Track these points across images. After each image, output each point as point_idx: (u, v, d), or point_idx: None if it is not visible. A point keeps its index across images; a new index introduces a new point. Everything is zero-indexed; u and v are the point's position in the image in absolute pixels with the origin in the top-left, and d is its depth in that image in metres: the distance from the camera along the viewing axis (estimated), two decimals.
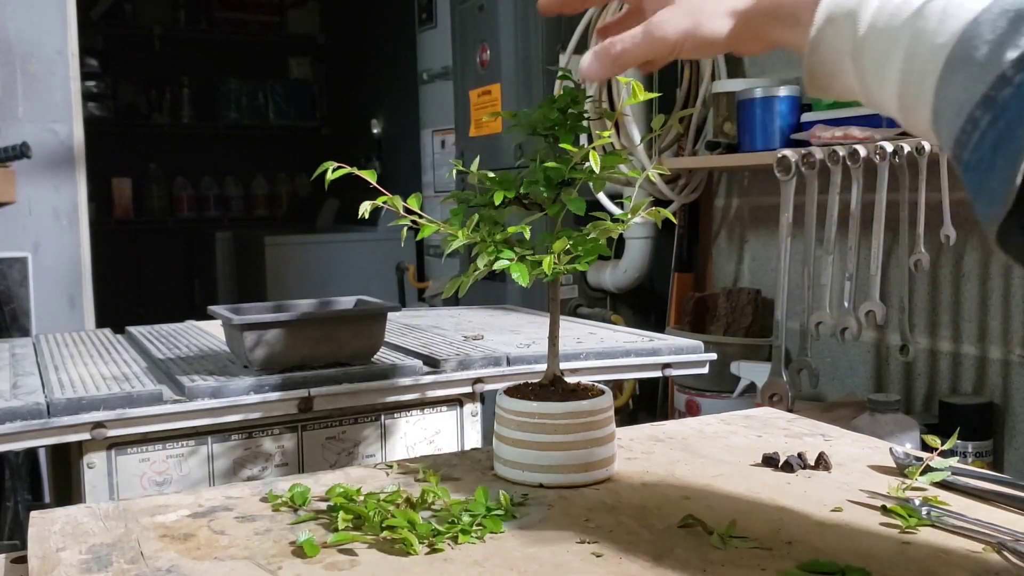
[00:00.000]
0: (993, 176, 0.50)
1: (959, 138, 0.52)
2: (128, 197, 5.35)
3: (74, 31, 2.22)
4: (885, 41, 0.58)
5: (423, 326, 1.50)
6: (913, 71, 0.56)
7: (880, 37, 0.58)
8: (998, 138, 0.50)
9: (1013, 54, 0.50)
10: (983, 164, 0.51)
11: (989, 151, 0.50)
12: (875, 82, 0.59)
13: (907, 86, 0.57)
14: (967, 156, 0.52)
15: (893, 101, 0.58)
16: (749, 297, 2.34)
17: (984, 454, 1.80)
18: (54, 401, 0.99)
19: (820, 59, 0.62)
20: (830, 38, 0.61)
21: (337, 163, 0.77)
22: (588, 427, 0.79)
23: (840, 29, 0.60)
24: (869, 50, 0.59)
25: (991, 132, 0.50)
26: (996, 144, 0.50)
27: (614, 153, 0.81)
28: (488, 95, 2.81)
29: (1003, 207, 0.49)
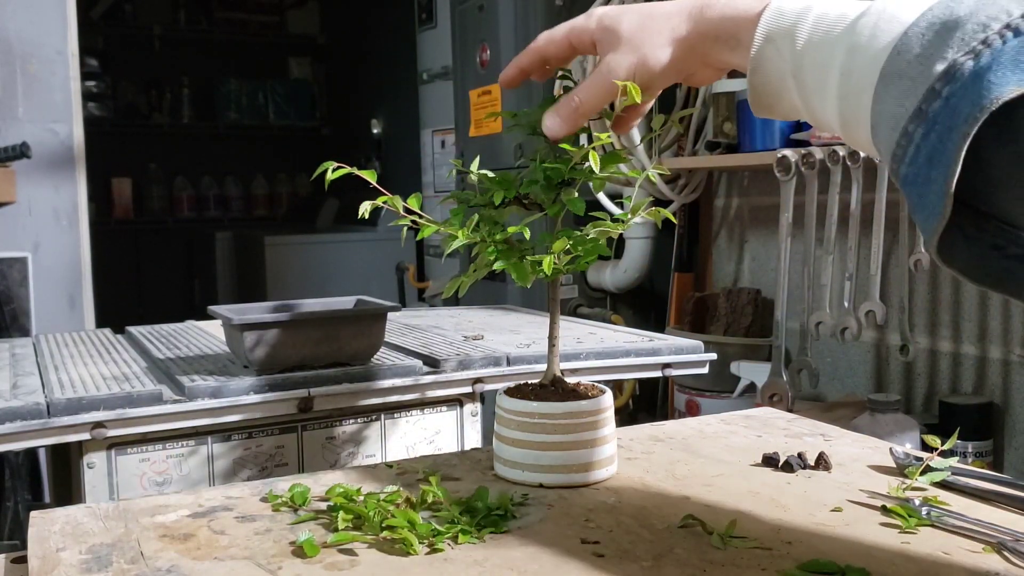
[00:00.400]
0: (929, 188, 0.50)
1: (895, 152, 0.52)
2: (128, 197, 5.35)
3: (74, 31, 2.22)
4: (822, 57, 0.58)
5: (423, 326, 1.50)
6: (850, 86, 0.56)
7: (817, 53, 0.58)
8: (931, 151, 0.50)
9: (940, 66, 0.50)
10: (920, 177, 0.51)
11: (924, 164, 0.50)
12: (816, 99, 0.59)
13: (846, 101, 0.57)
14: (904, 170, 0.52)
15: (835, 118, 0.58)
16: (749, 297, 2.34)
17: (984, 454, 1.80)
18: (54, 401, 0.99)
19: (762, 79, 0.62)
20: (771, 57, 0.61)
21: (337, 163, 0.77)
22: (588, 427, 0.79)
23: (779, 48, 0.60)
24: (808, 67, 0.59)
25: (924, 145, 0.50)
26: (930, 157, 0.50)
27: (614, 153, 0.81)
28: (488, 95, 2.81)
29: (941, 219, 0.49)
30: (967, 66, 0.48)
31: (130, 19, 5.37)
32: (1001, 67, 0.47)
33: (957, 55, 0.49)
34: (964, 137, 0.47)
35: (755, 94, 0.64)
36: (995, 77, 0.47)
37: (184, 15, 5.52)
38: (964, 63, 0.49)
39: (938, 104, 0.50)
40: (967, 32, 0.49)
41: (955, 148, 0.48)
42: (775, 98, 0.63)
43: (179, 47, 5.51)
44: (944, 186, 0.49)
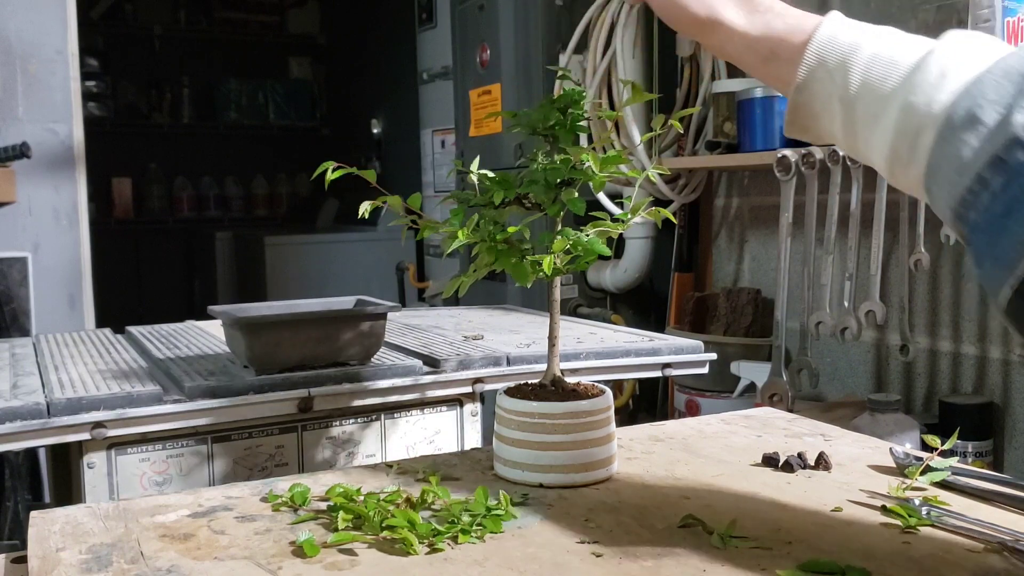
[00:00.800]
0: (1004, 238, 0.49)
1: (965, 197, 0.51)
2: (128, 197, 5.34)
3: (74, 31, 2.22)
4: (880, 93, 0.58)
5: (423, 326, 1.50)
6: (909, 126, 0.56)
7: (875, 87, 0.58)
8: (1012, 201, 0.49)
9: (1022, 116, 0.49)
10: (993, 226, 0.50)
11: (1001, 215, 0.50)
12: (864, 130, 0.59)
13: (902, 140, 0.56)
14: (974, 216, 0.51)
15: (881, 151, 0.58)
16: (749, 297, 2.34)
17: (984, 454, 1.80)
18: (54, 401, 0.99)
19: (807, 99, 0.62)
20: (821, 79, 0.61)
21: (337, 163, 0.77)
22: (588, 427, 0.79)
23: (832, 72, 0.60)
24: (863, 98, 0.59)
25: (1004, 195, 0.49)
26: (1010, 207, 0.49)
27: (614, 153, 0.81)
28: (488, 95, 2.81)
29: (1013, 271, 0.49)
30: None
31: (130, 19, 5.37)
32: None
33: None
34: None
35: (795, 114, 0.64)
36: None
37: (184, 15, 5.52)
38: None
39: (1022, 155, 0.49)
40: None
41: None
42: (814, 119, 0.63)
43: (179, 47, 5.51)
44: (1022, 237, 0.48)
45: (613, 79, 2.31)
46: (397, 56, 4.46)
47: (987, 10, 1.58)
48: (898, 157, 0.57)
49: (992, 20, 1.58)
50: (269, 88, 5.67)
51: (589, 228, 0.80)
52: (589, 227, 0.80)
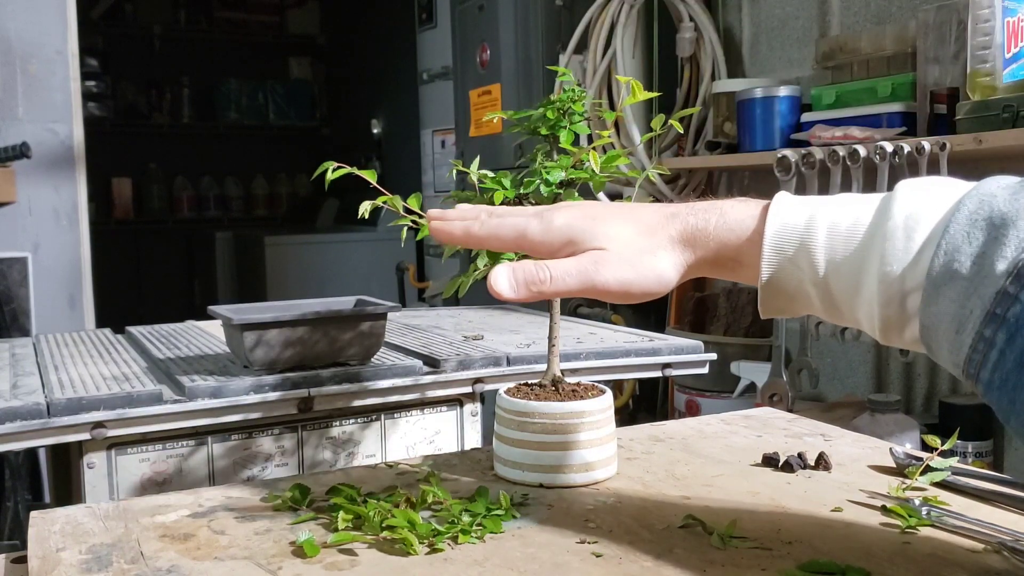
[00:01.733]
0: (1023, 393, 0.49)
1: (971, 357, 0.51)
2: (128, 197, 5.35)
3: (74, 31, 2.22)
4: (852, 268, 0.57)
5: (423, 326, 1.50)
6: (892, 296, 0.55)
7: (844, 264, 0.57)
8: (1021, 355, 0.49)
9: (1002, 266, 0.49)
10: (1010, 383, 0.50)
11: (1015, 369, 0.49)
12: (847, 306, 0.58)
13: (888, 309, 0.56)
14: (987, 376, 0.51)
15: (873, 323, 0.57)
16: (749, 297, 2.33)
17: (984, 454, 1.80)
18: (54, 401, 0.99)
19: (775, 290, 0.61)
20: (788, 270, 0.60)
21: (337, 163, 0.77)
22: (588, 427, 0.79)
23: (796, 261, 0.59)
24: (836, 277, 0.58)
25: (1011, 350, 0.49)
26: (1021, 361, 0.49)
27: (614, 153, 0.81)
28: (488, 95, 2.81)
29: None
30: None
31: (130, 19, 5.37)
32: None
33: (1019, 254, 0.49)
34: None
35: (767, 306, 0.63)
36: None
37: (184, 15, 5.52)
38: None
39: (1018, 308, 0.49)
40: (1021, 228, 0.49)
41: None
42: (789, 304, 0.62)
43: (179, 47, 5.51)
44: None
45: (613, 79, 2.31)
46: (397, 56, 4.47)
47: (987, 10, 1.58)
48: (890, 325, 0.56)
49: (992, 20, 1.58)
50: (269, 88, 5.67)
51: None
52: None
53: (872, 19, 2.08)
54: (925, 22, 1.78)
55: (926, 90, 1.78)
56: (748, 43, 2.45)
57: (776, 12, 2.36)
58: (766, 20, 2.39)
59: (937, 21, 1.76)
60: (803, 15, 2.28)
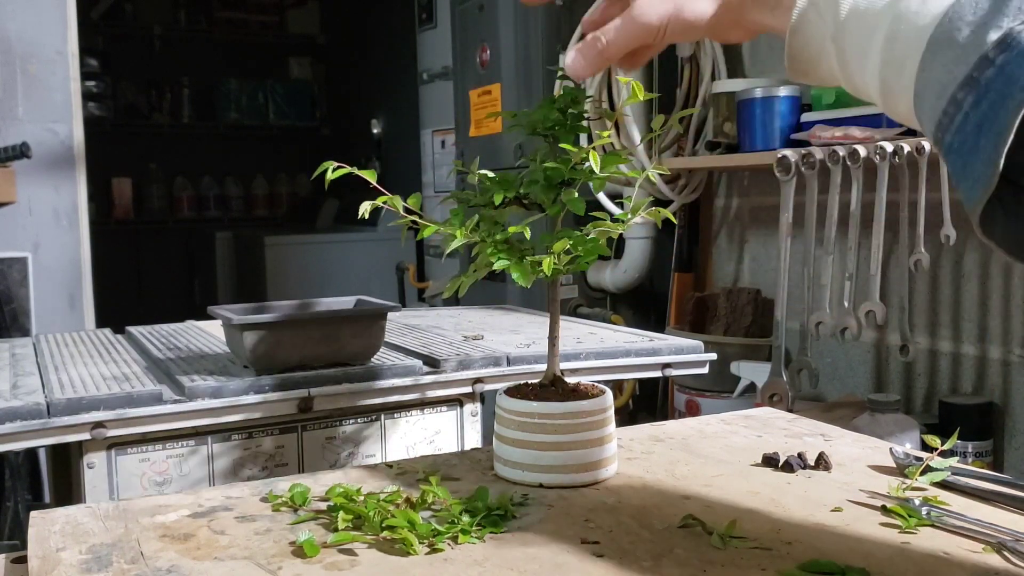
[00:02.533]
0: (977, 158, 0.49)
1: (941, 120, 0.52)
2: (128, 197, 5.35)
3: (74, 31, 2.22)
4: (867, 23, 0.57)
5: (423, 326, 1.50)
6: (894, 53, 0.55)
7: (862, 19, 0.58)
8: (982, 119, 0.49)
9: (995, 35, 0.49)
10: (966, 146, 0.50)
11: (973, 132, 0.50)
12: (856, 65, 0.59)
13: (888, 68, 0.56)
14: (949, 138, 0.51)
15: (874, 84, 0.58)
16: (749, 297, 2.34)
17: (984, 454, 1.80)
18: (54, 401, 0.99)
19: (802, 42, 0.62)
20: (812, 21, 0.61)
21: (337, 163, 0.77)
22: (588, 427, 0.79)
23: (822, 12, 0.60)
24: (850, 32, 0.58)
25: (974, 113, 0.50)
26: (980, 125, 0.49)
27: (614, 153, 0.81)
28: (488, 95, 2.81)
29: (986, 189, 0.49)
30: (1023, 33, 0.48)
31: (130, 19, 5.37)
32: None
33: (1013, 23, 0.48)
34: (1020, 105, 0.47)
35: (793, 58, 0.63)
36: None
37: (184, 15, 5.52)
38: (1021, 31, 0.48)
39: (992, 72, 0.49)
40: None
41: (1008, 116, 0.47)
42: (812, 64, 0.62)
43: (179, 47, 5.51)
44: (993, 154, 0.48)
45: (613, 79, 2.31)
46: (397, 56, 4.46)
47: None
48: (889, 88, 0.57)
49: None
50: (269, 88, 5.67)
51: (589, 228, 0.80)
52: (589, 227, 0.80)
53: None
54: None
55: None
56: (748, 43, 2.45)
57: None
58: None
59: None
60: None
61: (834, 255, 1.81)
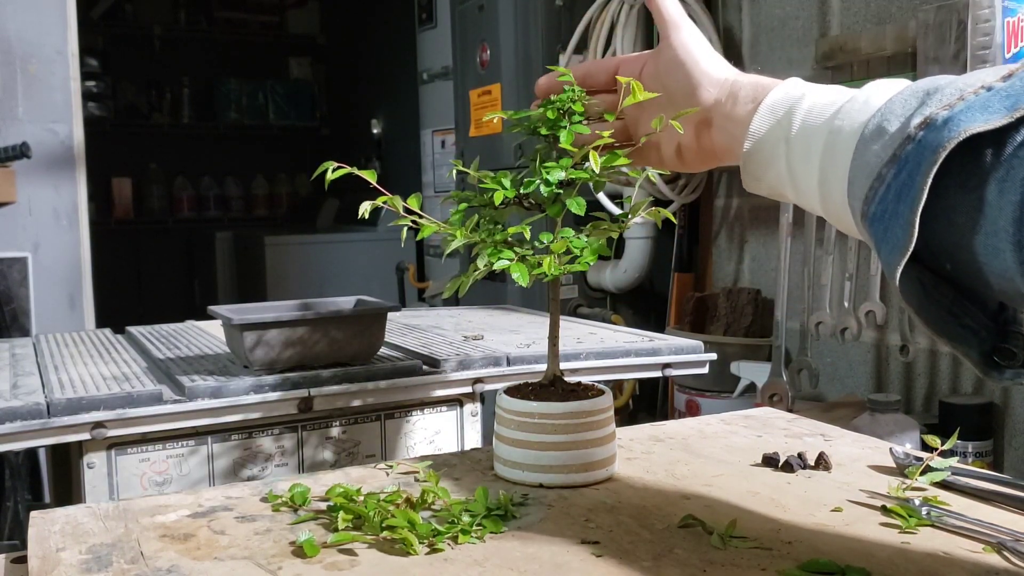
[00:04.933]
0: (896, 223, 0.54)
1: (867, 195, 0.56)
2: (128, 197, 5.35)
3: (74, 31, 2.22)
4: (815, 126, 0.64)
5: (423, 326, 1.50)
6: (834, 146, 0.61)
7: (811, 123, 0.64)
8: (900, 187, 0.54)
9: (918, 119, 0.54)
10: (887, 213, 0.55)
11: (893, 200, 0.54)
12: (801, 164, 0.65)
13: (827, 159, 0.62)
14: (872, 209, 0.56)
15: (814, 178, 0.63)
16: (749, 297, 2.34)
17: (984, 454, 1.80)
18: (54, 401, 0.99)
19: (759, 145, 0.68)
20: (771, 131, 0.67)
21: (337, 163, 0.77)
22: (588, 427, 0.79)
23: (780, 122, 0.67)
24: (800, 134, 0.65)
25: (895, 183, 0.54)
26: (899, 193, 0.54)
27: (614, 153, 0.81)
28: (488, 95, 2.80)
29: (904, 252, 0.53)
30: (941, 115, 0.53)
31: (130, 19, 5.37)
32: (971, 110, 0.51)
33: (934, 109, 0.54)
34: (931, 166, 0.51)
35: (748, 161, 0.69)
36: (964, 117, 0.51)
37: (184, 15, 5.52)
38: (939, 114, 0.53)
39: (911, 147, 0.54)
40: (946, 94, 0.54)
41: (922, 178, 0.52)
42: (764, 167, 0.68)
43: (179, 47, 5.51)
44: (910, 216, 0.52)
45: None
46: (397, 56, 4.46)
47: (987, 10, 1.58)
48: (825, 177, 0.62)
49: (992, 20, 1.57)
50: (269, 88, 5.67)
51: (589, 228, 0.80)
52: (589, 227, 0.80)
53: (872, 19, 2.08)
54: (925, 22, 1.78)
55: None
56: (748, 43, 2.45)
57: (776, 12, 2.36)
58: (766, 20, 2.39)
59: (937, 21, 1.76)
60: (803, 15, 2.28)
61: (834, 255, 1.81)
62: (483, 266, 0.77)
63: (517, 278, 0.76)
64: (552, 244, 0.78)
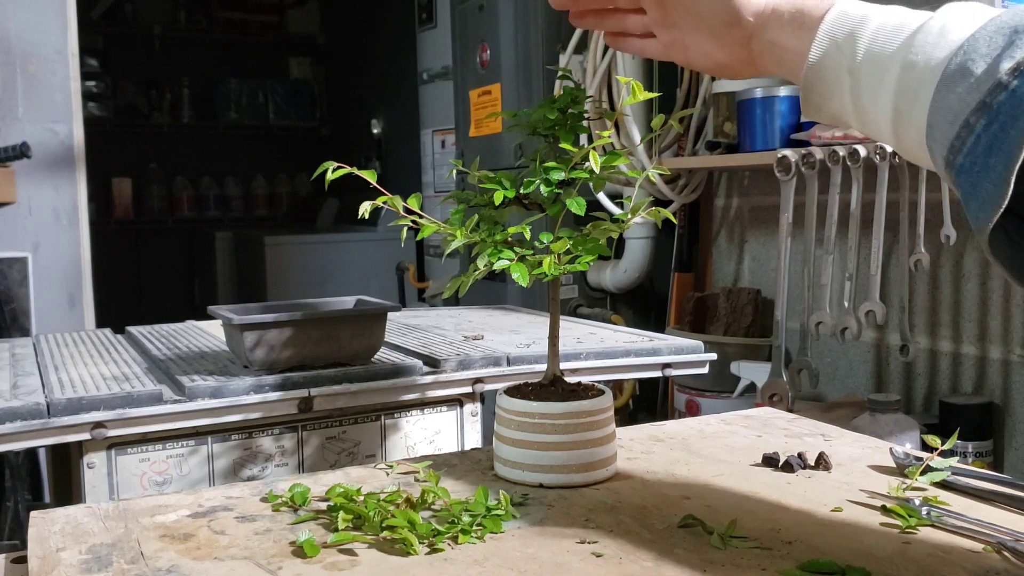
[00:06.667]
0: (987, 177, 0.50)
1: (953, 144, 0.53)
2: (128, 197, 5.34)
3: (74, 31, 2.22)
4: (883, 57, 0.59)
5: (423, 326, 1.50)
6: (909, 84, 0.57)
7: (879, 54, 0.59)
8: (992, 140, 0.50)
9: (1008, 64, 0.51)
10: (976, 166, 0.51)
11: (983, 153, 0.51)
12: (869, 97, 0.60)
13: (902, 97, 0.57)
14: (960, 160, 0.52)
15: (886, 115, 0.59)
16: (749, 297, 2.34)
17: (984, 454, 1.80)
18: (54, 401, 0.99)
19: (818, 74, 0.63)
20: (830, 54, 0.62)
21: (337, 163, 0.77)
22: (588, 427, 0.79)
23: (840, 46, 0.61)
24: (867, 64, 0.60)
25: (985, 135, 0.51)
26: (990, 146, 0.50)
27: (614, 153, 0.81)
28: (488, 95, 2.80)
29: (996, 208, 0.50)
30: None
31: (130, 19, 5.36)
32: None
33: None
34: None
35: (808, 90, 0.64)
36: None
37: (184, 15, 5.51)
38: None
39: (1004, 95, 0.50)
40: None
41: (1019, 135, 0.49)
42: (826, 97, 0.64)
43: (179, 47, 5.51)
44: (1004, 173, 0.49)
45: (613, 79, 2.31)
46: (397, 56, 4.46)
47: None
48: (900, 116, 0.58)
49: None
50: (269, 88, 5.67)
51: (589, 228, 0.80)
52: (589, 227, 0.80)
53: None
54: None
55: None
56: None
57: None
58: None
59: None
60: None
61: (834, 255, 1.81)
62: (483, 266, 0.77)
63: (517, 278, 0.76)
64: (552, 244, 0.78)
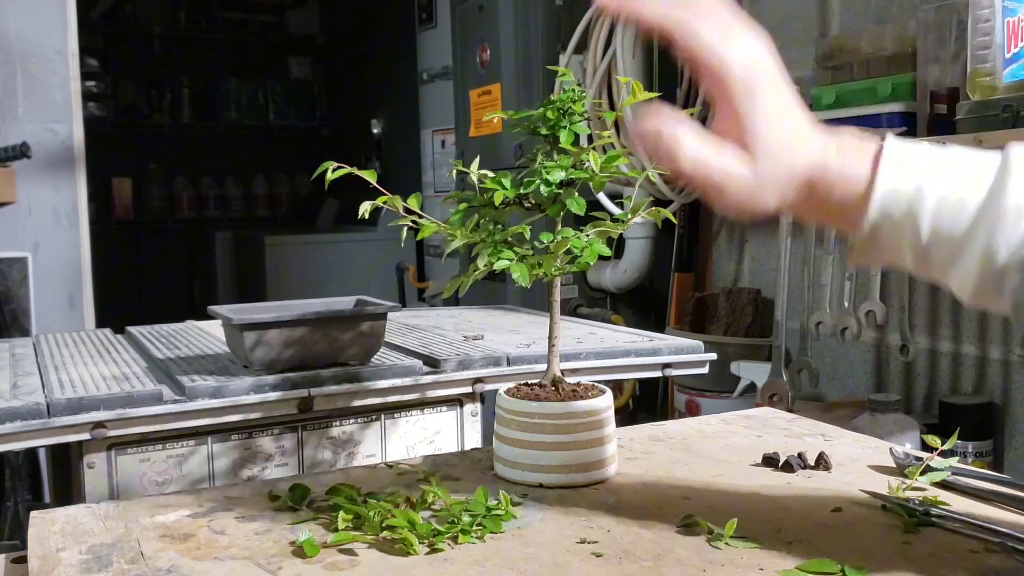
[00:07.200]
0: None
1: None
2: (128, 197, 5.34)
3: (74, 31, 2.22)
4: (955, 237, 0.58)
5: (423, 326, 1.50)
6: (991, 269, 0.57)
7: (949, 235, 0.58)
8: None
9: None
10: None
11: None
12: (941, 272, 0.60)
13: (985, 280, 0.58)
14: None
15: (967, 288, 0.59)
16: (749, 297, 2.34)
17: (984, 454, 1.80)
18: (54, 401, 0.99)
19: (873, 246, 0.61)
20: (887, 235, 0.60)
21: (337, 163, 0.77)
22: (588, 427, 0.79)
23: (900, 226, 0.59)
24: (936, 245, 0.59)
25: None
26: None
27: (614, 153, 0.81)
28: (488, 95, 2.81)
29: None
30: None
31: (130, 19, 5.36)
32: None
33: None
34: None
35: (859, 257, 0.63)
36: None
37: (184, 15, 5.51)
38: None
39: None
40: None
41: None
42: (882, 260, 0.63)
43: (179, 47, 5.51)
44: None
45: (613, 79, 2.31)
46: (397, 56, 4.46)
47: (987, 10, 1.58)
48: (984, 293, 0.59)
49: (992, 20, 1.57)
50: (269, 88, 5.67)
51: (589, 228, 0.80)
52: (589, 227, 0.80)
53: (872, 19, 2.08)
54: (925, 22, 1.78)
55: (926, 90, 1.78)
56: None
57: (776, 12, 2.36)
58: (766, 20, 2.39)
59: (937, 21, 1.76)
60: (803, 15, 2.28)
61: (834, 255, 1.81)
62: (483, 266, 0.77)
63: (517, 278, 0.76)
64: (552, 244, 0.78)
